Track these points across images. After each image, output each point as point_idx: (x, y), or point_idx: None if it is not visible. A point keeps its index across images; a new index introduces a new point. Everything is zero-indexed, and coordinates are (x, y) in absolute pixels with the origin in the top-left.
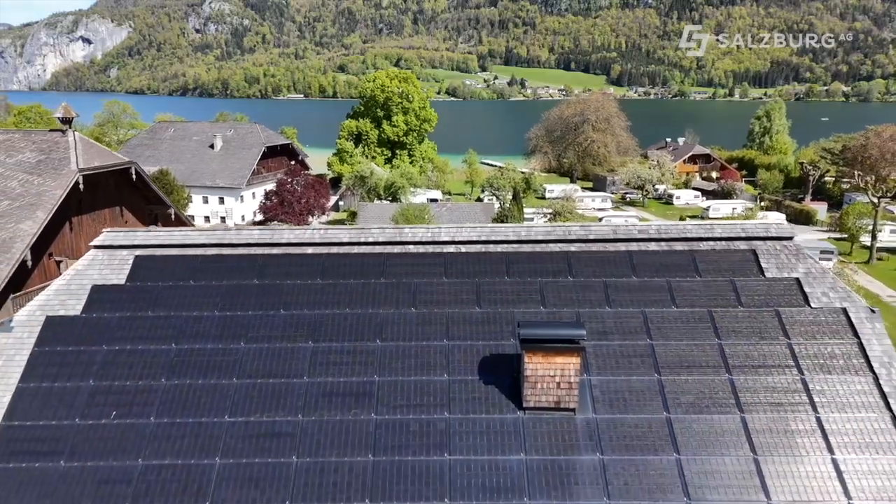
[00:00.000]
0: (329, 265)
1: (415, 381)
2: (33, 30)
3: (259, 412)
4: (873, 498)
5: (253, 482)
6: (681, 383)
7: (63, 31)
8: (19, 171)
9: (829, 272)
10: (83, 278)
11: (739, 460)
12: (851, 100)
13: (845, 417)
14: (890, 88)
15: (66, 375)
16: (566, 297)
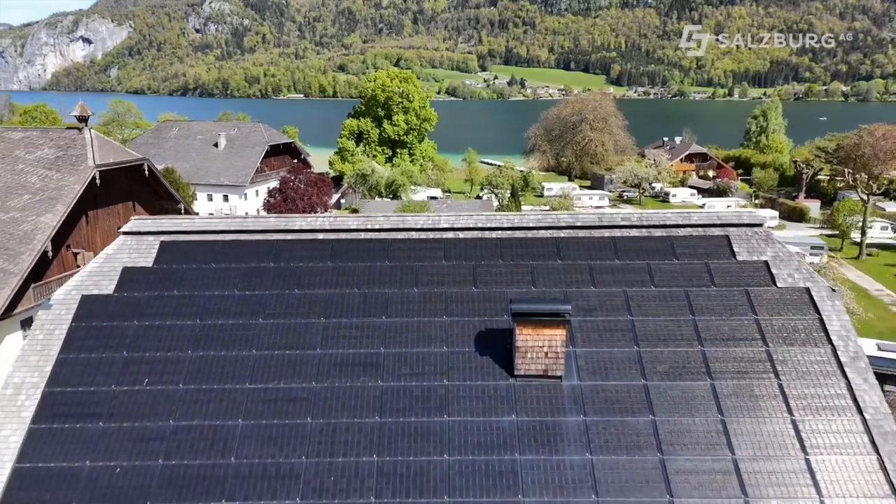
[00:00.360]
0: (338, 249)
1: (417, 352)
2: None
3: (277, 380)
4: (827, 453)
5: (272, 440)
6: (657, 354)
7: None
8: (39, 167)
9: (794, 256)
10: (114, 261)
11: (708, 421)
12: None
13: (805, 384)
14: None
15: (102, 347)
16: (555, 279)
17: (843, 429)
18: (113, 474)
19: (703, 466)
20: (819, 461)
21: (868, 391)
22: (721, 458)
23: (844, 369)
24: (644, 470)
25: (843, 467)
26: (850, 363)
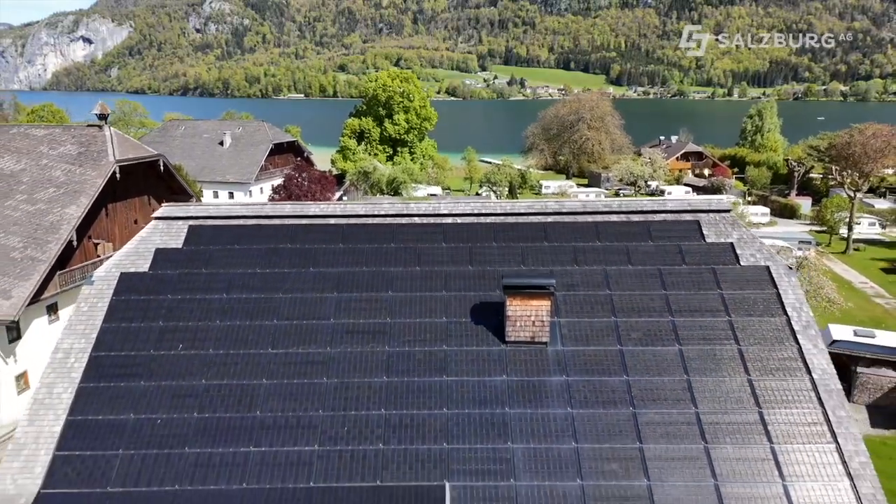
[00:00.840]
0: (348, 233)
1: (419, 322)
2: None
3: (295, 346)
4: (779, 407)
5: (293, 397)
6: (632, 324)
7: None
8: (62, 162)
9: (757, 238)
10: (148, 243)
11: (675, 380)
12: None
13: (761, 348)
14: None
15: (140, 318)
16: (542, 259)
17: (793, 387)
18: (154, 425)
19: (669, 418)
20: (771, 414)
21: (817, 355)
22: (685, 412)
23: (797, 336)
24: (618, 421)
25: (792, 419)
26: (801, 331)
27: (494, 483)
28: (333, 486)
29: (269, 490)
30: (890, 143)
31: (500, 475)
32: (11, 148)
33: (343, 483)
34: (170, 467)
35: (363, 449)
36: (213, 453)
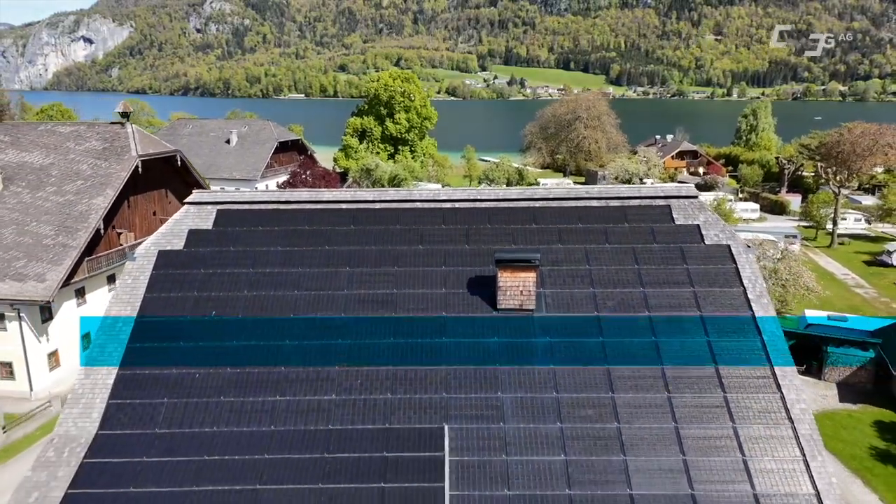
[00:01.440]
0: (358, 216)
1: (422, 293)
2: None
3: (314, 312)
4: (732, 363)
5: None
6: (608, 294)
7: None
8: (89, 157)
9: (721, 220)
10: (181, 225)
11: (644, 341)
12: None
13: (720, 313)
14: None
15: (177, 288)
16: (531, 238)
17: (746, 346)
18: (193, 378)
19: (638, 373)
20: (726, 369)
21: (768, 323)
22: (653, 367)
23: (751, 303)
24: (594, 376)
25: (743, 373)
26: (755, 299)
27: (486, 425)
28: (349, 428)
29: (294, 431)
30: (877, 141)
31: (492, 419)
32: (40, 143)
33: (357, 426)
34: (208, 413)
35: (374, 398)
36: (245, 401)
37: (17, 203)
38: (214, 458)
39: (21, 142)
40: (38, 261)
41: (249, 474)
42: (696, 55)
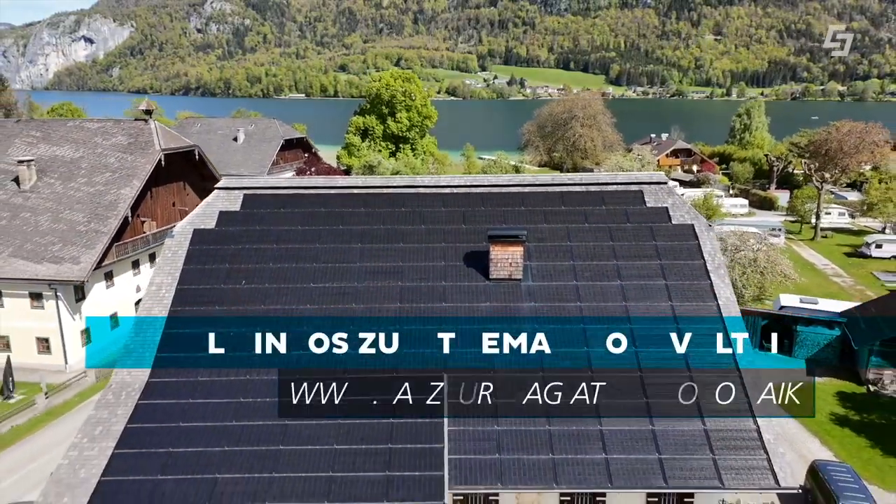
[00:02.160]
0: (369, 199)
1: (424, 265)
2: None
3: (331, 282)
4: (691, 322)
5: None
6: (586, 266)
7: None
8: (115, 151)
9: (687, 203)
10: (213, 207)
11: (616, 305)
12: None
13: (682, 283)
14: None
15: (211, 261)
16: (519, 219)
17: (703, 310)
18: (228, 336)
19: (610, 331)
20: (685, 326)
21: (723, 287)
22: (622, 326)
23: (710, 274)
24: (573, 333)
25: (701, 331)
26: (714, 270)
27: (478, 372)
28: (363, 375)
29: (316, 379)
30: (864, 139)
31: (483, 368)
32: (69, 138)
33: (368, 375)
34: (242, 363)
35: (383, 352)
36: (270, 360)
37: (50, 193)
38: (248, 400)
39: (52, 137)
40: (72, 245)
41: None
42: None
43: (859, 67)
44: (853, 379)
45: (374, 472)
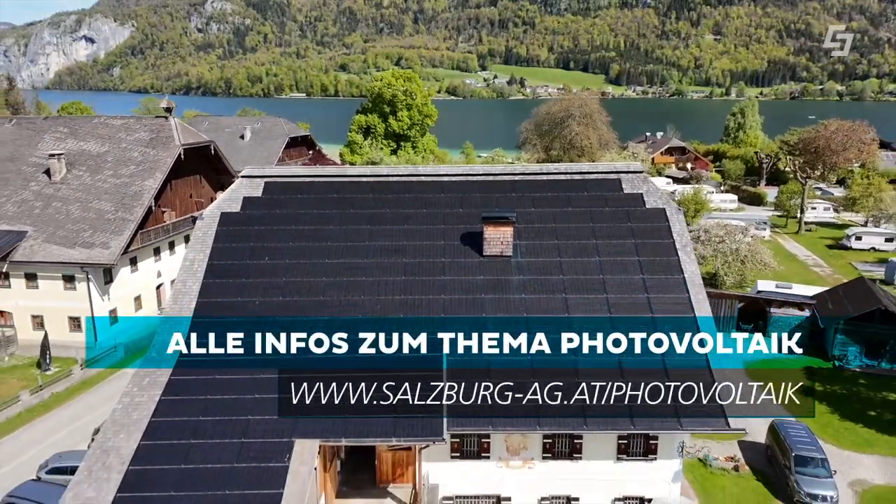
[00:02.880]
0: (376, 186)
1: (426, 244)
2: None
3: (343, 258)
4: (659, 292)
5: (344, 289)
6: (568, 245)
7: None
8: (138, 146)
9: (661, 190)
10: (237, 193)
11: (594, 279)
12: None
13: (653, 258)
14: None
15: (237, 240)
16: (510, 204)
17: (671, 281)
18: (254, 304)
19: (588, 300)
20: (654, 297)
21: (689, 263)
22: (599, 296)
23: (678, 251)
24: (555, 303)
25: (668, 299)
26: (681, 248)
27: (472, 334)
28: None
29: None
30: (850, 137)
31: (477, 332)
32: (95, 134)
33: (379, 334)
34: (266, 327)
35: (390, 318)
36: (294, 321)
37: (79, 184)
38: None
39: (78, 133)
40: (102, 231)
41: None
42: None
43: (858, 67)
44: (820, 356)
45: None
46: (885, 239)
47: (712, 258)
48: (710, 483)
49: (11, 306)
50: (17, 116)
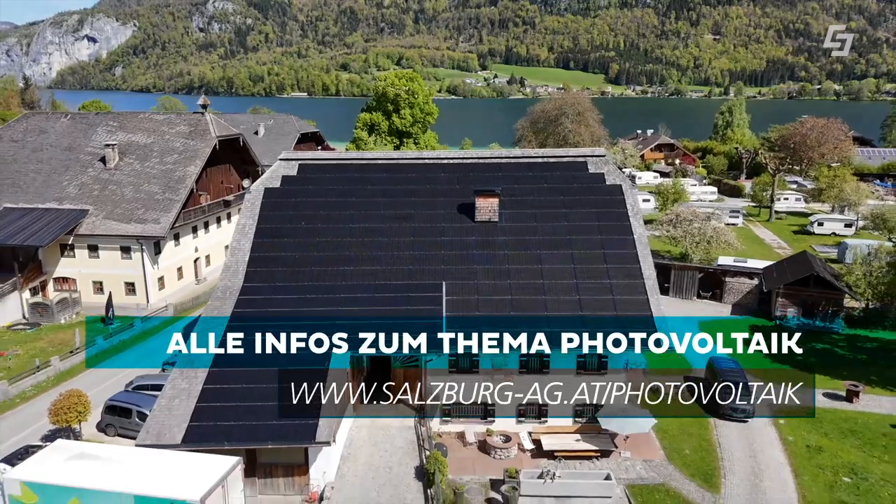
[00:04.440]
0: (389, 168)
1: (430, 212)
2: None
3: (364, 223)
4: (614, 248)
5: (365, 246)
6: (542, 212)
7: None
8: (180, 137)
9: (622, 171)
10: (277, 173)
11: (562, 238)
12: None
13: (609, 222)
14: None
15: (279, 209)
16: (497, 181)
17: (624, 241)
18: (294, 258)
19: (556, 255)
20: (609, 252)
21: (638, 226)
22: (566, 251)
23: (630, 218)
24: (531, 256)
25: (618, 254)
26: (633, 216)
27: (467, 282)
28: (388, 283)
29: (357, 285)
30: (824, 134)
31: (470, 280)
32: (142, 127)
33: (391, 282)
34: (302, 274)
35: (400, 268)
36: (326, 271)
37: (131, 170)
38: (311, 297)
39: (127, 126)
40: (152, 210)
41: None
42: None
43: (856, 67)
44: (765, 316)
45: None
46: (844, 224)
47: (682, 238)
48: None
49: (76, 273)
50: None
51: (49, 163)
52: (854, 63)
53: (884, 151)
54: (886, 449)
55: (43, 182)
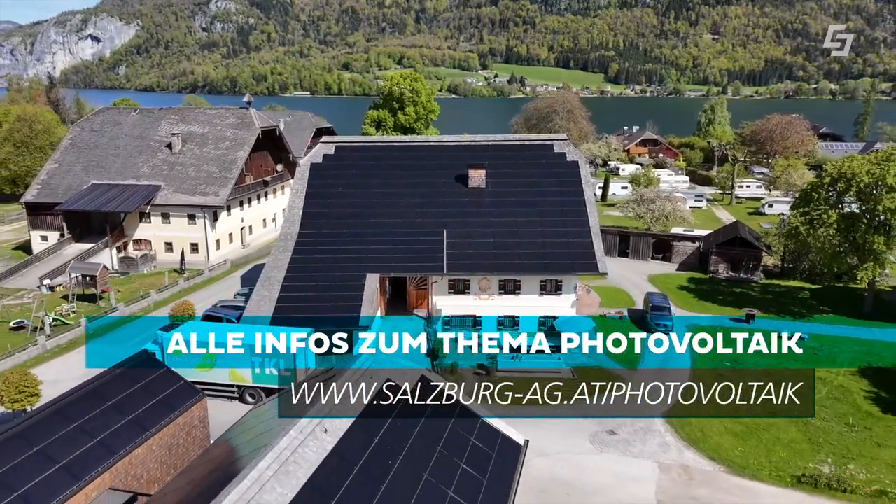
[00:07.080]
0: (403, 148)
1: (434, 181)
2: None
3: (387, 189)
4: (571, 206)
5: (386, 205)
6: (519, 181)
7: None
8: (229, 128)
9: (578, 150)
10: (319, 152)
11: (533, 199)
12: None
13: (568, 188)
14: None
15: (321, 178)
16: (485, 158)
17: (577, 200)
18: (335, 213)
19: (529, 210)
20: (566, 209)
21: (588, 192)
22: (535, 209)
23: (583, 186)
24: (510, 212)
25: (570, 206)
26: (585, 183)
27: (461, 230)
28: (405, 230)
29: (382, 232)
30: (788, 129)
31: (465, 228)
32: (198, 120)
33: (407, 230)
34: (341, 224)
35: (413, 220)
36: (358, 222)
37: (192, 154)
38: (345, 247)
39: (186, 119)
40: (211, 185)
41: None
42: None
43: (854, 66)
44: (702, 272)
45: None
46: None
47: (644, 215)
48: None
49: (152, 236)
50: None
51: (125, 148)
52: (852, 63)
53: (846, 145)
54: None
55: (122, 164)
